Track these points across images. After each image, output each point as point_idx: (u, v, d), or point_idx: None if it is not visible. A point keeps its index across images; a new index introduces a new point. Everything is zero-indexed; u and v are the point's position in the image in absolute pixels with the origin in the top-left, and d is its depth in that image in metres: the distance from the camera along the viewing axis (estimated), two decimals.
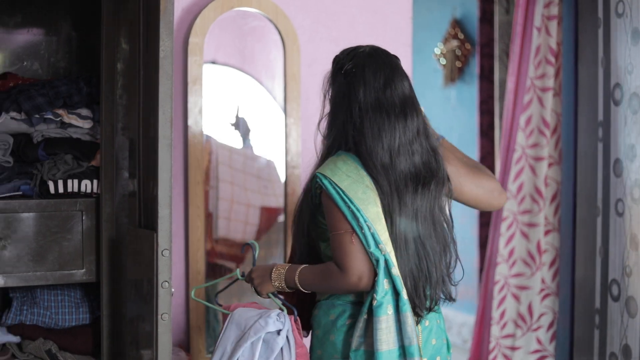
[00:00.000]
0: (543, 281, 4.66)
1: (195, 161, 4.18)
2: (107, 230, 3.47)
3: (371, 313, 2.77)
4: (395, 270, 2.75)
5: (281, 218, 4.41)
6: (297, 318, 3.01)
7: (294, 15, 4.41)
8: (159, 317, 2.98)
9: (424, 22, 5.44)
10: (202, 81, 4.19)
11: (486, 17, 5.34)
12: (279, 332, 2.93)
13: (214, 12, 4.22)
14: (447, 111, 5.58)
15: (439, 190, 2.90)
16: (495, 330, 4.75)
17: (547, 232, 4.66)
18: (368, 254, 2.76)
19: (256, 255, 3.16)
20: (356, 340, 2.81)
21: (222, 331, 3.06)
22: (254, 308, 3.07)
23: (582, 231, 4.46)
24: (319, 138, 3.03)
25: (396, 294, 2.76)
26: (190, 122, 4.16)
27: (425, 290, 2.87)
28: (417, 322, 2.89)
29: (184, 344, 4.24)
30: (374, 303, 2.74)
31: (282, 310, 2.99)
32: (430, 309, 2.93)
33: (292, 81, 4.39)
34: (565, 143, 4.59)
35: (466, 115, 5.48)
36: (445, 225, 2.94)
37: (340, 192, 2.77)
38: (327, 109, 3.01)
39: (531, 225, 4.69)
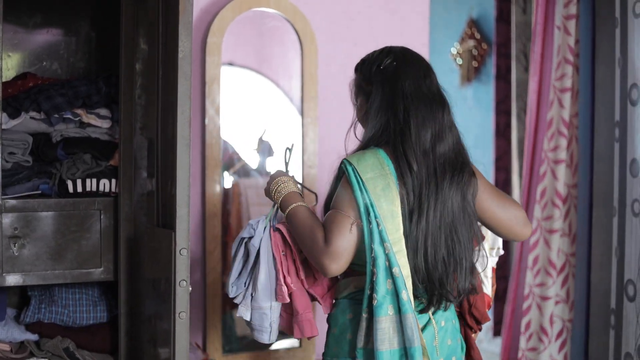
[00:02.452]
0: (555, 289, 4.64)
1: (212, 160, 4.20)
2: (125, 230, 3.49)
3: (371, 312, 2.77)
4: (397, 270, 2.73)
5: None
6: (280, 229, 2.93)
7: (312, 15, 4.42)
8: (177, 315, 2.99)
9: (441, 22, 5.44)
10: (219, 81, 4.20)
11: (503, 17, 5.34)
12: (250, 239, 2.89)
13: (232, 12, 4.24)
14: (464, 111, 5.58)
15: (468, 181, 2.88)
16: (522, 343, 4.71)
17: (561, 237, 4.63)
18: (358, 249, 2.76)
19: (287, 159, 3.08)
20: (360, 338, 2.81)
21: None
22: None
23: (598, 232, 4.46)
24: (350, 142, 3.02)
25: (397, 294, 2.76)
26: (207, 121, 4.18)
27: (457, 278, 2.87)
28: (433, 320, 2.89)
29: (201, 342, 4.26)
30: (374, 303, 2.74)
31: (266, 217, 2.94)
32: (458, 296, 2.92)
33: (309, 81, 4.40)
34: (582, 144, 4.58)
35: (482, 115, 5.47)
36: (473, 216, 2.94)
37: (361, 183, 2.77)
38: (357, 113, 3.02)
39: (552, 231, 4.65)
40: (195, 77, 4.16)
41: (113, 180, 3.51)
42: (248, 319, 2.93)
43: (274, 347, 4.45)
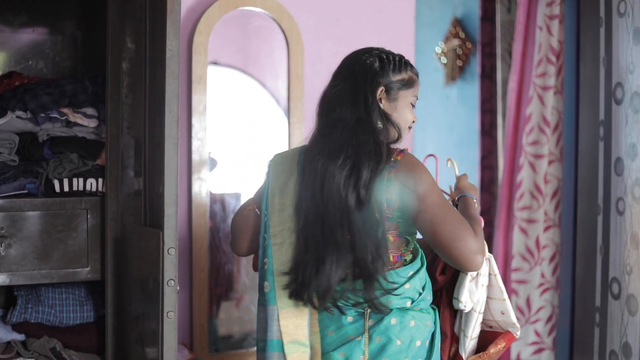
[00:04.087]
0: (543, 275, 4.68)
1: (198, 159, 4.20)
2: (112, 229, 3.48)
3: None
4: (267, 261, 2.82)
5: None
6: None
7: (298, 14, 4.42)
8: (165, 315, 2.99)
9: (426, 21, 5.44)
10: (206, 80, 4.20)
11: (487, 16, 5.35)
12: None
13: (219, 11, 4.23)
14: (448, 110, 5.58)
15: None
16: None
17: (547, 228, 4.68)
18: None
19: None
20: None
21: None
22: None
23: (582, 229, 4.48)
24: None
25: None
26: (194, 120, 4.18)
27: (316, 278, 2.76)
28: (367, 333, 2.80)
29: (188, 341, 4.26)
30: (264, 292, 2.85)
31: None
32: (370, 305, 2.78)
33: (295, 80, 4.40)
34: (567, 141, 4.61)
35: (467, 114, 5.48)
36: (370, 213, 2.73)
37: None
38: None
39: (530, 221, 4.72)
40: (182, 76, 4.16)
41: (100, 180, 3.51)
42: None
43: None
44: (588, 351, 4.38)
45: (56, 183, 3.43)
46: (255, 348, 4.34)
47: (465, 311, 2.96)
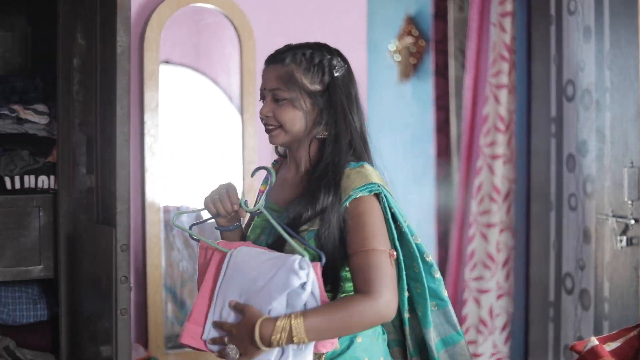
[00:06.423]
0: (497, 282, 4.63)
1: (151, 155, 4.18)
2: (64, 227, 3.45)
3: None
4: None
5: None
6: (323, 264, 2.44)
7: (250, 11, 4.42)
8: (118, 312, 2.98)
9: (378, 19, 5.45)
10: (158, 76, 4.19)
11: (440, 14, 5.37)
12: (303, 285, 2.36)
13: (170, 8, 4.22)
14: (402, 107, 5.59)
15: None
16: None
17: (500, 231, 4.61)
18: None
19: (273, 181, 2.62)
20: None
21: (221, 276, 2.48)
22: (263, 249, 2.52)
23: (536, 226, 4.51)
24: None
25: None
26: (146, 117, 4.16)
27: None
28: None
29: (143, 340, 4.24)
30: None
31: (303, 255, 2.39)
32: None
33: (248, 76, 4.40)
34: (519, 140, 4.63)
35: (421, 111, 5.50)
36: None
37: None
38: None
39: (490, 225, 4.63)
40: (133, 73, 4.14)
41: (52, 177, 3.48)
42: None
43: None
44: (543, 347, 4.42)
45: (7, 180, 3.40)
46: None
47: None
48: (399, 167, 5.45)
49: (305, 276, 2.36)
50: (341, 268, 2.52)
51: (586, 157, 4.07)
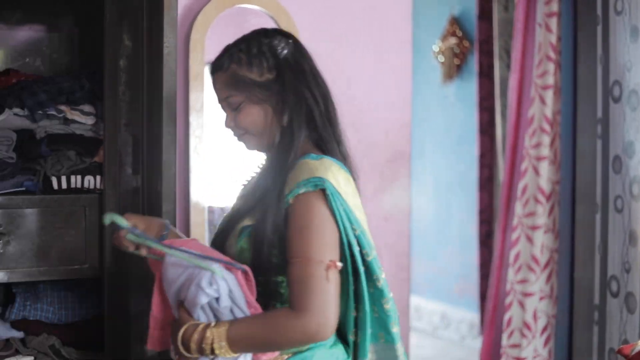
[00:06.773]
0: (540, 285, 4.59)
1: (196, 156, 4.20)
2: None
3: None
4: None
5: None
6: (247, 270, 2.38)
7: (295, 12, 4.41)
8: None
9: (422, 19, 5.45)
10: (203, 78, 4.20)
11: (484, 14, 5.36)
12: (217, 299, 2.34)
13: (216, 9, 4.23)
14: (446, 109, 5.59)
15: None
16: (503, 339, 4.66)
17: (544, 233, 4.57)
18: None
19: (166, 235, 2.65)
20: None
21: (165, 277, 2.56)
22: (191, 249, 2.51)
23: (581, 229, 4.47)
24: None
25: None
26: (192, 118, 4.18)
27: None
28: None
29: None
30: None
31: (213, 272, 2.36)
32: None
33: None
34: (564, 141, 4.59)
35: (465, 112, 5.49)
36: None
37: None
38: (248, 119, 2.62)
39: (534, 228, 4.59)
40: (179, 74, 4.15)
41: (98, 177, 3.50)
42: None
43: None
44: (587, 350, 4.38)
45: (54, 180, 3.43)
46: None
47: None
48: (442, 168, 5.44)
49: (215, 292, 2.33)
50: (279, 271, 2.36)
51: (633, 158, 4.04)
